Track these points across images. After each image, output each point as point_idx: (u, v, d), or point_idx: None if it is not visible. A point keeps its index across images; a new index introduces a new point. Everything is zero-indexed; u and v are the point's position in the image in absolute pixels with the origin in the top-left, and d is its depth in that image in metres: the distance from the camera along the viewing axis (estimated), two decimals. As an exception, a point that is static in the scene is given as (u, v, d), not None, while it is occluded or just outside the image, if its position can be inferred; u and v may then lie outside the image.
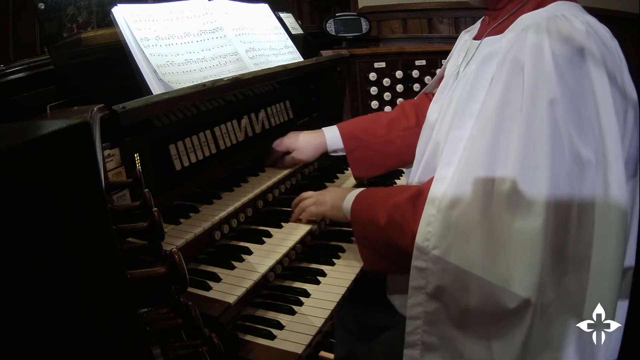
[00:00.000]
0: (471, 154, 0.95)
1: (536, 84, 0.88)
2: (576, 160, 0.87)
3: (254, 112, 1.59)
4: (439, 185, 0.98)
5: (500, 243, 0.89)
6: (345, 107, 2.12)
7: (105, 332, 0.39)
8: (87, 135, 0.37)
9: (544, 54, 0.88)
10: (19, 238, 0.32)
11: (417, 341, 1.00)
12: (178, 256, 0.56)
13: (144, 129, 1.21)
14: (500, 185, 0.89)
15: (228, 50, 1.47)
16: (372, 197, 1.18)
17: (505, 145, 0.90)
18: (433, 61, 2.16)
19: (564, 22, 0.90)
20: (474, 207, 0.92)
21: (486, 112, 0.94)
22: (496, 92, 0.93)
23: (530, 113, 0.88)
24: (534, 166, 0.87)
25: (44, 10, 1.13)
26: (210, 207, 1.26)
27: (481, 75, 0.99)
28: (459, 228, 0.93)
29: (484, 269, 0.91)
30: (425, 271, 0.97)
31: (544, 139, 0.86)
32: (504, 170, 0.89)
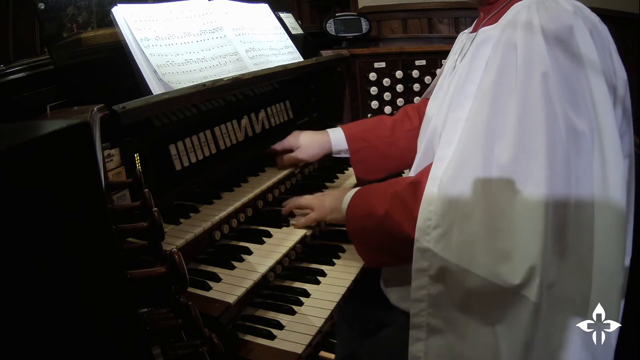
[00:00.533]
0: (470, 132, 0.97)
1: (529, 60, 0.91)
2: (571, 132, 0.90)
3: (254, 112, 1.59)
4: (439, 165, 1.00)
5: (503, 215, 0.91)
6: (345, 107, 2.12)
7: (105, 332, 0.39)
8: (87, 135, 0.37)
9: (534, 32, 0.92)
10: (19, 238, 0.32)
11: (422, 323, 1.01)
12: (178, 256, 0.56)
13: (144, 129, 1.21)
14: (500, 158, 0.91)
15: (228, 50, 1.47)
16: (368, 192, 1.19)
17: (502, 120, 0.92)
18: (433, 61, 2.16)
19: (552, 4, 0.96)
20: (475, 182, 0.93)
21: (482, 90, 0.97)
22: (492, 70, 0.96)
23: (525, 87, 0.91)
24: (531, 138, 0.89)
25: (44, 10, 1.13)
26: (210, 207, 1.26)
27: (476, 59, 1.02)
28: (460, 204, 0.94)
29: (488, 244, 0.91)
30: (427, 252, 0.97)
31: (539, 111, 0.89)
32: (502, 144, 0.91)
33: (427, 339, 1.00)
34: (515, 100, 0.91)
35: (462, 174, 0.95)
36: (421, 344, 1.01)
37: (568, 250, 0.92)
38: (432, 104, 1.23)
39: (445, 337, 0.99)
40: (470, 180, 0.93)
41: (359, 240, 1.17)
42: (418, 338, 1.02)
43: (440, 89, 1.20)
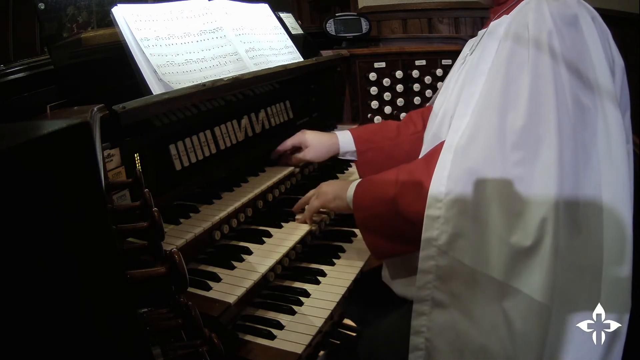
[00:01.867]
0: (484, 102, 1.01)
1: (539, 38, 0.98)
2: (577, 105, 0.95)
3: (254, 112, 1.59)
4: (453, 135, 1.03)
5: (516, 179, 0.93)
6: (345, 107, 2.12)
7: (105, 332, 0.39)
8: (87, 135, 0.37)
9: (544, 14, 1.00)
10: (19, 238, 0.32)
11: (427, 296, 1.01)
12: (178, 256, 0.56)
13: (144, 129, 1.21)
14: (514, 125, 0.96)
15: (228, 50, 1.47)
16: (375, 178, 1.19)
17: (515, 90, 0.98)
18: (433, 61, 2.16)
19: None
20: (489, 146, 0.96)
21: (496, 65, 1.03)
22: (505, 47, 1.03)
23: (535, 62, 0.97)
24: (542, 108, 0.95)
25: (44, 10, 1.13)
26: (210, 207, 1.26)
27: (489, 41, 1.09)
28: (473, 168, 0.97)
29: (501, 204, 0.93)
30: (438, 220, 0.98)
31: (549, 84, 0.95)
32: (515, 112, 0.96)
33: (431, 313, 1.00)
34: (527, 73, 0.97)
35: (476, 140, 0.98)
36: (424, 318, 1.01)
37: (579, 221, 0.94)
38: (439, 99, 1.26)
39: (450, 312, 0.98)
40: (484, 145, 0.97)
41: (368, 228, 1.16)
42: (421, 312, 1.01)
43: (450, 81, 1.24)
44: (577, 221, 0.94)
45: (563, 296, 0.92)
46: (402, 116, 2.12)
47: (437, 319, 1.00)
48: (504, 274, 0.93)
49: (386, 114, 2.11)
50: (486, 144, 0.97)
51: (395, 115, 2.13)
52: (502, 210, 0.93)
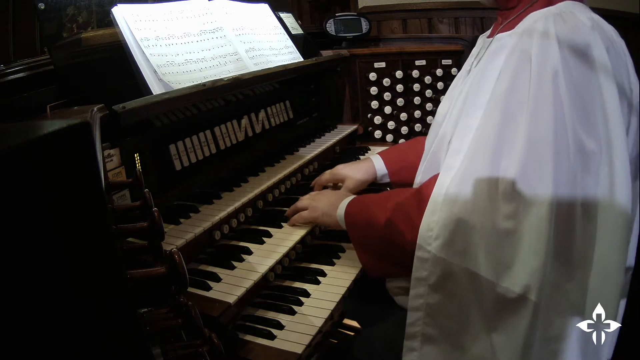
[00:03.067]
0: (478, 142, 0.96)
1: (542, 74, 0.90)
2: (579, 151, 0.89)
3: (254, 112, 1.59)
4: (446, 174, 1.00)
5: (505, 232, 0.91)
6: (345, 107, 2.12)
7: (106, 332, 0.39)
8: (87, 135, 0.37)
9: (550, 45, 0.91)
10: (19, 238, 0.32)
11: (417, 333, 1.01)
12: (178, 256, 0.56)
13: (144, 129, 1.21)
14: (506, 174, 0.91)
15: (228, 50, 1.47)
16: (367, 200, 1.19)
17: (511, 133, 0.92)
18: (433, 61, 2.16)
19: (570, 17, 0.94)
20: (481, 194, 0.93)
21: (494, 100, 0.97)
22: (504, 80, 0.96)
23: (536, 103, 0.90)
24: (539, 156, 0.89)
25: (44, 10, 1.13)
26: (210, 207, 1.26)
27: (490, 67, 1.02)
28: (463, 217, 0.94)
29: (489, 256, 0.91)
30: (427, 262, 0.97)
31: (549, 129, 0.88)
32: (509, 159, 0.91)
33: (422, 349, 1.00)
34: (526, 115, 0.90)
35: (467, 186, 0.94)
36: (415, 354, 1.01)
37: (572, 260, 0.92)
38: (444, 104, 1.23)
39: (440, 346, 0.99)
40: (475, 193, 0.93)
41: (362, 248, 1.17)
42: (412, 348, 1.02)
43: (453, 90, 1.20)
44: (569, 269, 0.92)
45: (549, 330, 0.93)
46: (402, 116, 2.12)
47: (428, 354, 1.00)
48: (492, 315, 0.93)
49: (386, 114, 2.11)
50: (476, 193, 0.93)
51: (395, 115, 2.13)
52: (490, 260, 0.91)
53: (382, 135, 2.13)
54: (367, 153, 1.90)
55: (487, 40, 1.15)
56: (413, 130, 2.16)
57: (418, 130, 2.16)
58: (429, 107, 2.16)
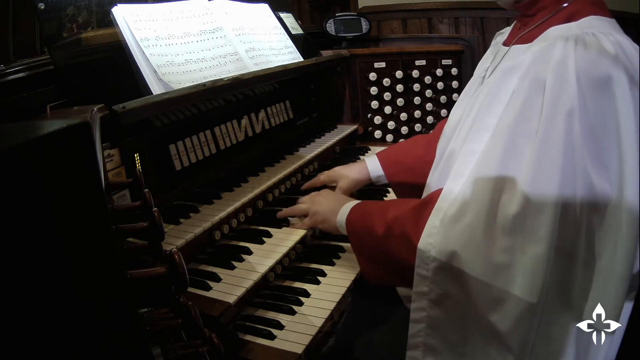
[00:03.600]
0: (481, 170, 0.93)
1: (555, 103, 0.85)
2: (589, 190, 0.84)
3: (254, 112, 1.59)
4: (446, 197, 0.97)
5: (500, 266, 0.89)
6: (345, 107, 2.12)
7: (106, 332, 0.39)
8: (87, 135, 0.37)
9: (567, 74, 0.84)
10: (19, 238, 0.32)
11: (419, 343, 1.01)
12: (178, 256, 0.56)
13: (144, 129, 1.21)
14: (506, 207, 0.88)
15: (228, 50, 1.47)
16: (369, 208, 1.18)
17: (515, 165, 0.88)
18: (433, 61, 2.16)
19: (593, 42, 0.86)
20: (477, 226, 0.90)
21: (501, 127, 0.92)
22: (514, 107, 0.91)
23: (546, 134, 0.85)
24: (543, 192, 0.85)
25: (44, 10, 1.13)
26: (210, 207, 1.26)
27: (502, 88, 0.96)
28: (459, 246, 0.92)
29: (481, 288, 0.91)
30: (427, 279, 0.97)
31: (556, 164, 0.84)
32: (511, 192, 0.87)
33: (424, 358, 1.01)
34: (532, 151, 0.86)
35: (465, 215, 0.93)
36: None
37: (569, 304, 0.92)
38: (457, 111, 1.20)
39: (442, 356, 0.99)
40: (472, 223, 0.91)
41: (362, 255, 1.17)
42: (414, 358, 1.02)
43: (467, 96, 1.17)
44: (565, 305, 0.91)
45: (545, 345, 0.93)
46: (402, 116, 2.12)
47: None
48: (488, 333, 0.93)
49: (386, 114, 2.11)
50: (473, 224, 0.90)
51: (395, 115, 2.13)
52: (483, 292, 0.90)
53: (382, 135, 2.13)
54: (367, 153, 1.90)
55: (503, 48, 1.10)
56: (413, 130, 2.16)
57: (418, 130, 2.16)
58: (429, 107, 2.16)
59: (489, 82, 1.03)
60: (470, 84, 1.20)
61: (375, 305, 1.32)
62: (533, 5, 1.02)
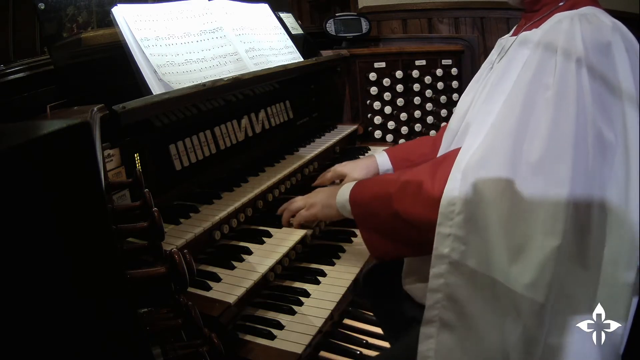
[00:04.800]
0: (501, 125, 0.98)
1: (567, 65, 0.95)
2: (598, 140, 0.92)
3: (254, 112, 1.59)
4: (465, 153, 1.01)
5: (523, 211, 0.92)
6: (345, 107, 2.12)
7: (106, 332, 0.39)
8: (87, 135, 0.37)
9: (575, 40, 0.96)
10: (19, 238, 0.32)
11: (435, 317, 1.00)
12: (178, 256, 0.56)
13: (144, 129, 1.21)
14: (528, 154, 0.93)
15: (228, 50, 1.47)
16: (376, 178, 1.20)
17: (534, 118, 0.95)
18: (433, 61, 2.16)
19: (594, 18, 1.00)
20: (501, 172, 0.94)
21: (518, 87, 0.99)
22: (529, 69, 0.99)
23: (560, 91, 0.94)
24: (560, 141, 0.92)
25: (44, 10, 1.13)
26: (210, 207, 1.26)
27: (515, 58, 1.05)
28: (484, 193, 0.95)
29: (504, 238, 0.93)
30: (449, 237, 0.97)
31: (571, 116, 0.92)
32: (532, 142, 0.94)
33: (438, 335, 1.00)
34: (549, 104, 0.94)
35: (488, 164, 0.96)
36: (432, 341, 1.01)
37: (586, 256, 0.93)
38: (465, 99, 1.24)
39: (457, 333, 0.98)
40: (496, 171, 0.95)
41: (365, 226, 1.15)
42: (429, 335, 1.01)
43: (475, 84, 1.22)
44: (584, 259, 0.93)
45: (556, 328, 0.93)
46: (402, 116, 2.12)
47: (444, 342, 0.99)
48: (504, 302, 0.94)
49: (386, 114, 2.11)
50: (497, 171, 0.95)
51: (395, 115, 2.13)
52: (505, 241, 0.93)
53: (382, 135, 2.13)
54: (367, 153, 1.90)
55: (510, 39, 1.17)
56: (413, 130, 2.16)
57: (418, 130, 2.17)
58: (429, 107, 2.17)
59: (501, 62, 1.11)
60: (477, 75, 1.26)
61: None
62: (538, 1, 1.13)
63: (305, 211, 1.28)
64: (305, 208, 1.29)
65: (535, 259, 0.90)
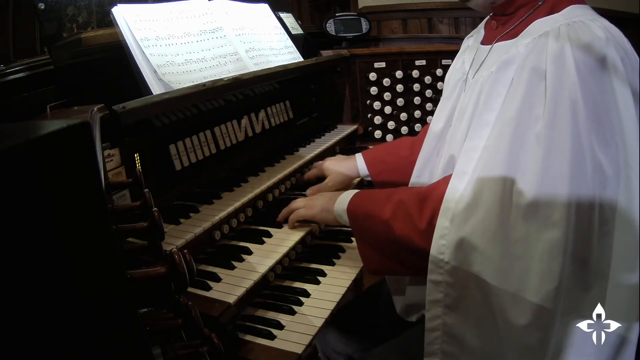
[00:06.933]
0: (487, 163, 0.93)
1: (559, 91, 0.86)
2: (597, 171, 0.85)
3: (254, 112, 1.59)
4: (452, 196, 0.96)
5: (517, 255, 0.88)
6: (345, 107, 2.12)
7: (106, 332, 0.39)
8: (87, 135, 0.37)
9: (566, 62, 0.87)
10: (19, 238, 0.32)
11: (437, 350, 0.99)
12: (178, 256, 0.56)
13: (144, 129, 1.21)
14: (519, 196, 0.87)
15: (228, 50, 1.47)
16: (372, 193, 1.17)
17: (524, 154, 0.88)
18: (433, 61, 2.16)
19: (583, 29, 0.89)
20: (491, 218, 0.90)
21: (504, 119, 0.92)
22: (516, 98, 0.91)
23: (552, 120, 0.86)
24: (555, 177, 0.85)
25: (44, 10, 1.13)
26: (210, 207, 1.26)
27: (498, 83, 0.96)
28: (474, 240, 0.91)
29: (499, 284, 0.89)
30: (441, 284, 0.96)
31: (565, 148, 0.85)
32: (522, 181, 0.88)
33: None
34: (540, 134, 0.87)
35: (476, 210, 0.92)
36: None
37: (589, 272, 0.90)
38: (438, 116, 1.19)
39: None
40: (485, 217, 0.90)
41: (362, 239, 1.15)
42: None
43: (448, 101, 1.15)
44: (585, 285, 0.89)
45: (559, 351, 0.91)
46: (402, 116, 2.12)
47: None
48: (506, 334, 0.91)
49: (386, 114, 2.11)
50: (486, 217, 0.90)
51: (395, 115, 2.13)
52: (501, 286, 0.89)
53: (382, 135, 2.13)
54: (367, 153, 1.90)
55: (483, 47, 1.09)
56: (413, 130, 2.16)
57: (418, 130, 2.16)
58: (429, 107, 2.16)
59: (478, 81, 1.03)
60: (450, 89, 1.18)
61: None
62: (511, 4, 1.02)
63: (303, 210, 1.28)
64: (305, 208, 1.29)
65: (533, 301, 0.87)
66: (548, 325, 0.88)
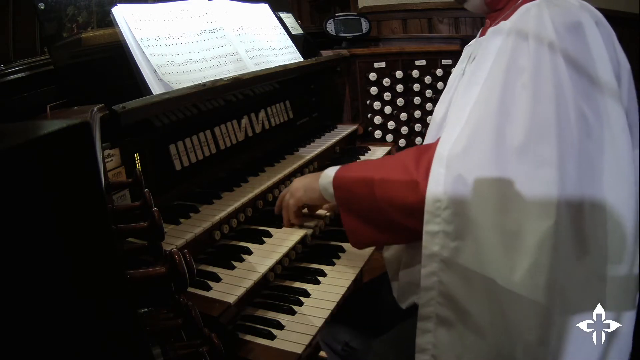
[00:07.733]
0: (480, 113, 0.97)
1: (540, 48, 0.94)
2: (581, 117, 0.91)
3: (254, 112, 1.59)
4: (445, 145, 0.98)
5: (514, 195, 0.90)
6: (345, 107, 2.12)
7: (106, 332, 0.39)
8: (87, 135, 0.37)
9: (545, 24, 0.96)
10: (19, 238, 0.32)
11: (431, 313, 0.98)
12: (178, 256, 0.56)
13: (144, 129, 1.21)
14: (511, 140, 0.92)
15: (228, 50, 1.47)
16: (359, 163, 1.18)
17: (514, 103, 0.94)
18: (433, 61, 2.16)
19: (560, 1, 1.00)
20: (486, 161, 0.93)
21: (494, 73, 0.98)
22: (504, 55, 0.99)
23: (536, 73, 0.93)
24: (542, 120, 0.91)
25: (44, 10, 1.13)
26: (210, 207, 1.26)
27: (487, 49, 1.04)
28: (471, 184, 0.93)
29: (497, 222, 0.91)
30: (438, 234, 0.95)
31: (550, 97, 0.91)
32: (514, 127, 0.93)
33: (436, 330, 0.98)
34: (527, 86, 0.93)
35: (472, 153, 0.94)
36: (429, 335, 0.99)
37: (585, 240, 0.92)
38: (439, 108, 1.22)
39: (456, 328, 0.96)
40: (480, 160, 0.93)
41: (348, 209, 1.13)
42: (426, 329, 0.99)
43: (448, 94, 1.20)
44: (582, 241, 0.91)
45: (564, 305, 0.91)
46: (402, 116, 2.12)
47: (443, 336, 0.98)
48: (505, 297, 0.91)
49: (386, 114, 2.11)
50: (481, 159, 0.93)
51: (395, 115, 2.13)
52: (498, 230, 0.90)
53: (382, 135, 2.13)
54: (367, 153, 1.90)
55: (478, 40, 1.17)
56: (413, 130, 2.16)
57: (418, 130, 2.17)
58: (429, 107, 2.16)
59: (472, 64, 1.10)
60: (449, 84, 1.24)
61: None
62: None
63: (291, 200, 1.27)
64: (290, 196, 1.28)
65: (531, 241, 0.88)
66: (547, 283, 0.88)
